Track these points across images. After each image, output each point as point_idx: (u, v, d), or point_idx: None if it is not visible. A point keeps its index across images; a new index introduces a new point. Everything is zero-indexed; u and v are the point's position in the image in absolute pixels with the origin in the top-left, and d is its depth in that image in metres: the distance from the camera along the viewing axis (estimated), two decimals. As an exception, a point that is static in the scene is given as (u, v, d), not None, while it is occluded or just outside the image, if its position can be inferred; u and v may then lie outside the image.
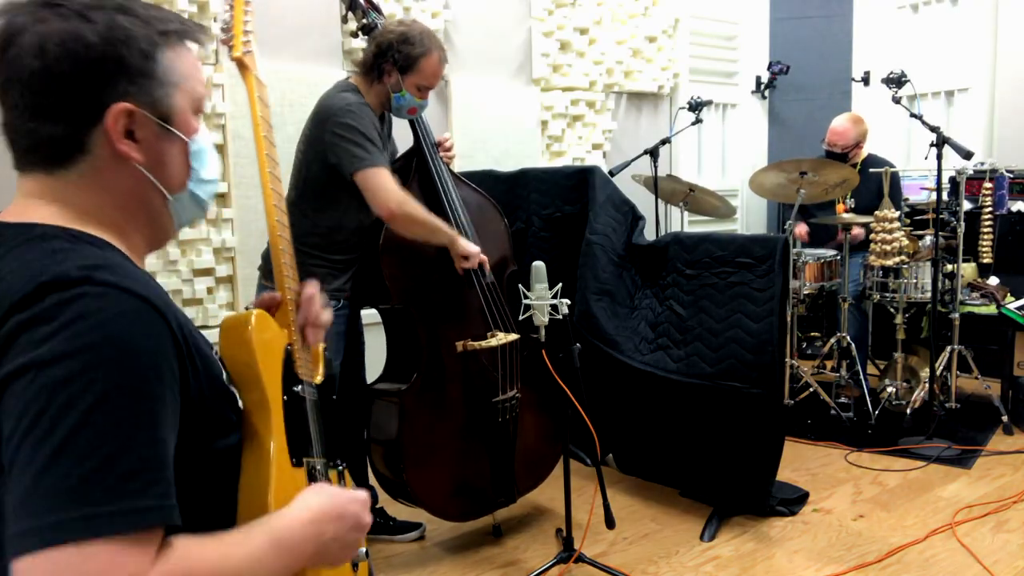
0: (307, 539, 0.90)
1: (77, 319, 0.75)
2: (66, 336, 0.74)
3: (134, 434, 0.75)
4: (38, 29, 0.83)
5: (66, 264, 0.79)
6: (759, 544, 2.67)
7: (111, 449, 0.73)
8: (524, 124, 4.26)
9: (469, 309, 2.55)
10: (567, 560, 2.43)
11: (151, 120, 0.90)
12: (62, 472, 0.71)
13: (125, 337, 0.77)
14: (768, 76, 5.53)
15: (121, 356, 0.76)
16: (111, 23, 0.85)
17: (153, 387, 0.78)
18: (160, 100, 0.90)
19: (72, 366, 0.73)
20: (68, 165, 0.88)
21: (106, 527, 0.71)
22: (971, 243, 3.89)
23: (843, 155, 4.17)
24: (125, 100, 0.87)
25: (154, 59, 0.89)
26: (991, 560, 2.49)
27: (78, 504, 0.71)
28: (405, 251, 2.43)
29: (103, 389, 0.74)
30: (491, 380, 2.54)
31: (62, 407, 0.72)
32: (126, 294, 0.79)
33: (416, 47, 2.36)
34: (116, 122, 0.87)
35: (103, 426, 0.73)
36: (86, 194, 0.89)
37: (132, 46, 0.87)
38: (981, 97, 4.99)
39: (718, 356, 2.74)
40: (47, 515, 0.70)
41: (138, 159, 0.90)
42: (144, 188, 0.92)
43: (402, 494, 2.52)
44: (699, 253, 2.92)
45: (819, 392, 3.83)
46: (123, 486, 0.73)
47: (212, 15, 3.08)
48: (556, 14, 4.36)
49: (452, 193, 2.54)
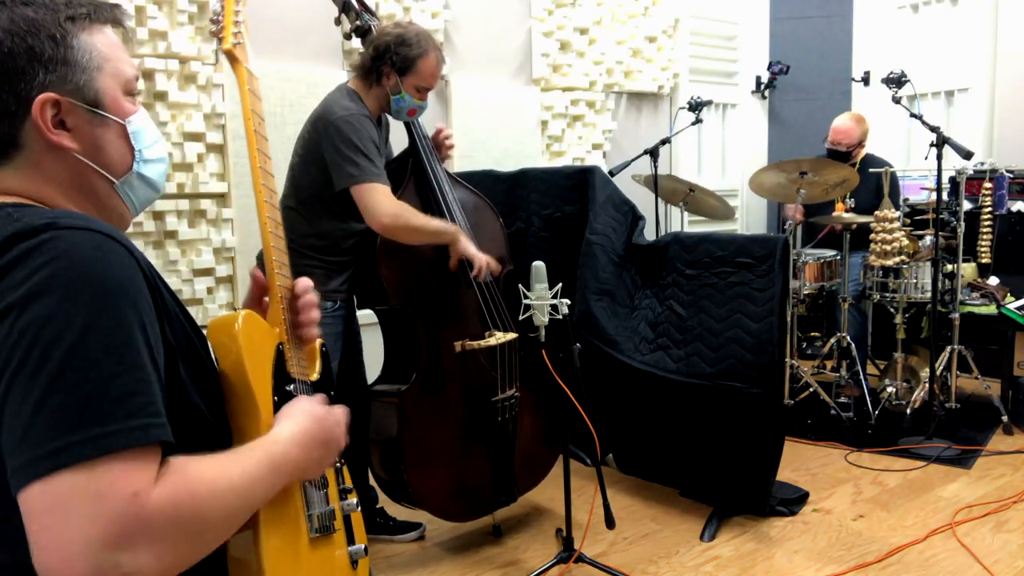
0: (297, 462, 0.96)
1: (50, 260, 0.77)
2: (41, 276, 0.76)
3: (121, 359, 0.77)
4: None
5: (29, 218, 0.81)
6: (759, 544, 2.67)
7: (102, 374, 0.76)
8: (524, 124, 4.26)
9: (467, 309, 2.55)
10: (567, 560, 2.43)
11: (79, 107, 0.90)
12: (59, 401, 0.74)
13: (98, 269, 0.79)
14: (768, 76, 5.53)
15: (97, 287, 0.78)
16: (13, 16, 0.85)
17: (131, 315, 0.80)
18: (85, 85, 0.90)
19: (51, 302, 0.75)
20: (6, 160, 0.89)
21: (107, 446, 0.74)
22: (971, 243, 3.89)
23: (846, 154, 4.17)
24: (48, 90, 0.87)
25: (67, 45, 0.88)
26: (991, 560, 2.49)
27: (78, 428, 0.73)
28: (403, 251, 2.43)
29: (85, 320, 0.76)
30: (490, 380, 2.54)
31: (49, 341, 0.74)
32: (91, 231, 0.81)
33: (414, 48, 2.36)
34: (43, 113, 0.87)
35: (91, 354, 0.76)
36: (29, 185, 0.89)
37: (40, 35, 0.86)
38: (981, 97, 4.99)
39: (718, 356, 2.74)
40: (49, 442, 0.73)
41: (73, 147, 0.90)
42: (86, 175, 0.92)
43: (403, 496, 2.52)
44: (699, 253, 2.92)
45: (819, 392, 3.83)
46: (118, 408, 0.76)
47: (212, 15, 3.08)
48: (556, 14, 4.36)
49: (448, 194, 2.55)
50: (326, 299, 2.41)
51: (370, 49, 2.39)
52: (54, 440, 0.73)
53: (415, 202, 2.50)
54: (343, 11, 2.54)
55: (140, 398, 0.78)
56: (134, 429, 0.76)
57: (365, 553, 1.22)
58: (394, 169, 2.62)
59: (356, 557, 1.20)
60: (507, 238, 2.80)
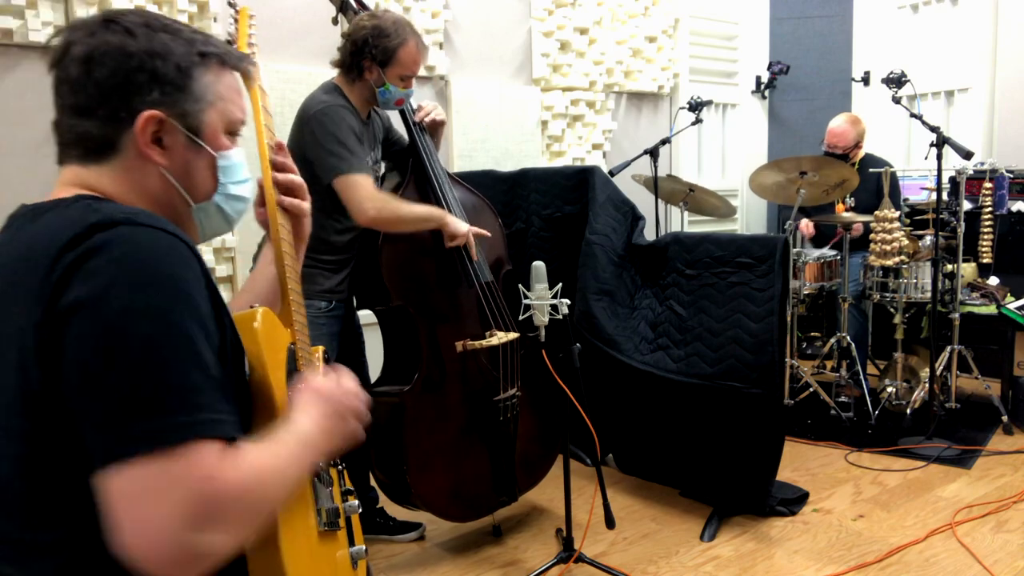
0: (324, 437, 1.03)
1: (125, 256, 0.83)
2: (116, 271, 0.82)
3: (192, 354, 0.84)
4: (88, 41, 0.94)
5: (109, 210, 0.89)
6: (759, 544, 2.67)
7: (178, 367, 0.82)
8: (524, 124, 4.27)
9: (467, 309, 2.55)
10: (567, 560, 2.43)
11: (179, 130, 0.98)
12: (141, 390, 0.80)
13: (170, 268, 0.85)
14: (768, 76, 5.53)
15: (170, 285, 0.84)
16: (152, 39, 0.96)
17: (198, 314, 0.87)
18: (191, 114, 0.99)
19: (131, 296, 0.82)
20: (101, 160, 0.97)
21: (186, 434, 0.80)
22: (971, 243, 3.89)
23: (843, 156, 4.17)
24: (155, 108, 0.95)
25: (189, 76, 0.98)
26: (991, 560, 2.50)
27: (160, 416, 0.80)
28: (404, 250, 2.43)
29: (162, 315, 0.83)
30: (491, 379, 2.54)
31: (130, 334, 0.81)
32: (164, 232, 0.88)
33: (392, 39, 2.32)
34: (145, 126, 0.95)
35: (167, 348, 0.82)
36: (116, 186, 0.97)
37: (169, 60, 0.96)
38: (981, 97, 4.99)
39: (718, 356, 2.74)
40: (132, 429, 0.79)
41: (162, 163, 0.98)
42: (169, 192, 1.00)
43: (404, 498, 2.52)
44: (699, 253, 2.92)
45: (819, 392, 3.83)
46: (197, 400, 0.82)
47: (212, 15, 3.08)
48: (556, 14, 4.36)
49: (448, 193, 2.54)
50: (321, 299, 2.40)
51: (348, 44, 2.35)
52: (137, 427, 0.79)
53: (415, 200, 2.49)
54: (341, 11, 2.54)
55: (210, 392, 0.84)
56: (211, 422, 0.82)
57: (365, 554, 1.24)
58: (394, 168, 2.62)
59: (357, 558, 1.23)
60: (506, 238, 2.80)
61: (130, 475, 0.78)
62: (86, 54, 0.93)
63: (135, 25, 0.96)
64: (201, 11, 3.06)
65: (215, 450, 0.82)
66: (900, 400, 3.81)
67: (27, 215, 0.95)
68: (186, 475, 0.79)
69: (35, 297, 0.83)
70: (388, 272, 2.41)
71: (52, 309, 0.81)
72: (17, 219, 0.96)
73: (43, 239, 0.86)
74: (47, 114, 0.99)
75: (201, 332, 0.86)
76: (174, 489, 0.78)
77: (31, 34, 2.72)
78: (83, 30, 0.95)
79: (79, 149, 0.97)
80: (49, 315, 0.82)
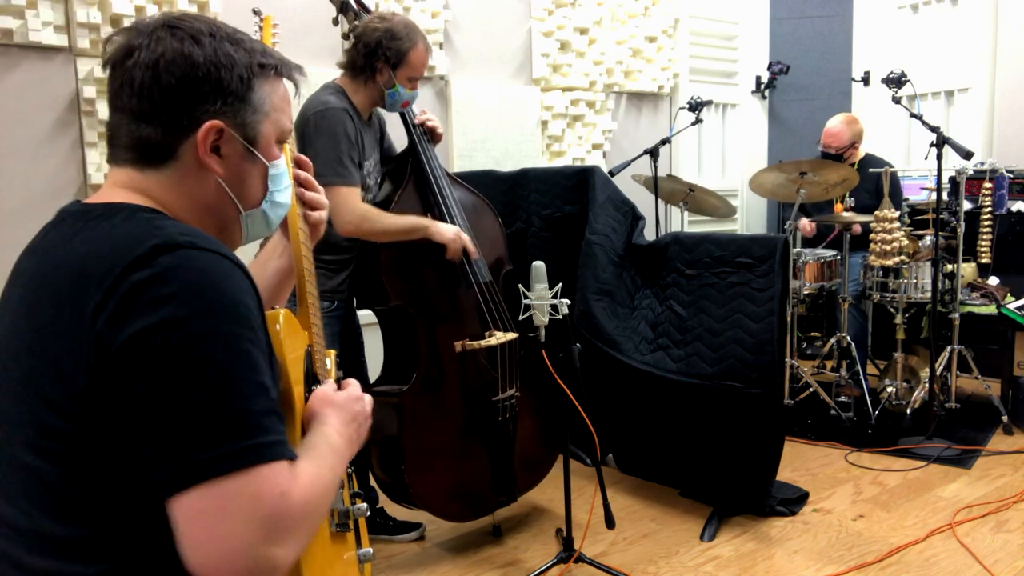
0: (347, 445, 1.07)
1: (191, 283, 0.85)
2: (185, 298, 0.84)
3: (257, 378, 0.86)
4: (154, 47, 0.95)
5: (170, 231, 0.90)
6: (759, 544, 2.67)
7: (245, 392, 0.85)
8: (524, 124, 4.27)
9: (467, 309, 2.55)
10: (567, 560, 2.43)
11: (237, 140, 1.00)
12: (213, 415, 0.82)
13: (232, 296, 0.87)
14: (768, 76, 5.53)
15: (233, 311, 0.87)
16: (218, 48, 0.97)
17: (257, 338, 0.89)
18: (249, 124, 1.01)
19: (199, 323, 0.83)
20: (158, 166, 0.98)
21: (258, 457, 0.83)
22: (971, 243, 3.89)
23: (838, 156, 4.16)
24: (218, 118, 0.98)
25: (250, 86, 1.00)
26: (991, 560, 2.50)
27: (233, 440, 0.82)
28: (403, 250, 2.43)
29: (229, 341, 0.85)
30: (490, 379, 2.54)
31: (200, 360, 0.83)
32: (224, 257, 0.90)
33: (404, 41, 2.36)
34: (206, 136, 0.97)
35: (235, 373, 0.84)
36: (169, 193, 0.99)
37: (233, 71, 0.98)
38: (981, 97, 4.99)
39: (718, 356, 2.74)
40: (207, 452, 0.81)
41: (219, 172, 1.00)
42: (221, 199, 1.02)
43: (403, 497, 2.52)
44: (699, 253, 2.91)
45: (819, 392, 3.83)
46: (264, 423, 0.85)
47: (212, 15, 3.08)
48: (556, 14, 4.36)
49: (448, 194, 2.54)
50: (323, 299, 2.41)
51: (360, 46, 2.37)
52: (213, 451, 0.81)
53: (414, 201, 2.50)
54: (341, 11, 2.54)
55: (273, 418, 0.87)
56: (277, 444, 0.85)
57: (371, 557, 1.26)
58: (393, 169, 2.62)
59: (364, 559, 1.25)
60: (506, 238, 2.80)
61: (208, 495, 0.80)
62: (152, 60, 0.95)
63: (200, 33, 0.97)
64: (201, 11, 3.06)
65: (284, 469, 0.85)
66: (900, 400, 3.81)
67: (80, 215, 0.95)
68: (262, 494, 0.82)
69: (93, 309, 0.84)
70: (387, 272, 2.41)
71: (115, 329, 0.83)
72: (68, 216, 0.97)
73: (104, 252, 0.87)
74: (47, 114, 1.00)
75: (263, 356, 0.89)
76: (252, 507, 0.81)
77: (31, 34, 2.72)
78: (148, 35, 0.96)
79: (135, 153, 0.98)
80: (110, 333, 0.83)
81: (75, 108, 2.85)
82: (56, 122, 2.82)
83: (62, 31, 2.80)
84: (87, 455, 0.86)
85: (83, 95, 2.83)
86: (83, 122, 2.86)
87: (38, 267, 0.94)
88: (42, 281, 0.92)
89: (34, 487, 0.88)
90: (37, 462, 0.87)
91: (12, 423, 0.90)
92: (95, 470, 0.86)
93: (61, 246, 0.93)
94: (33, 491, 0.88)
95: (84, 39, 2.83)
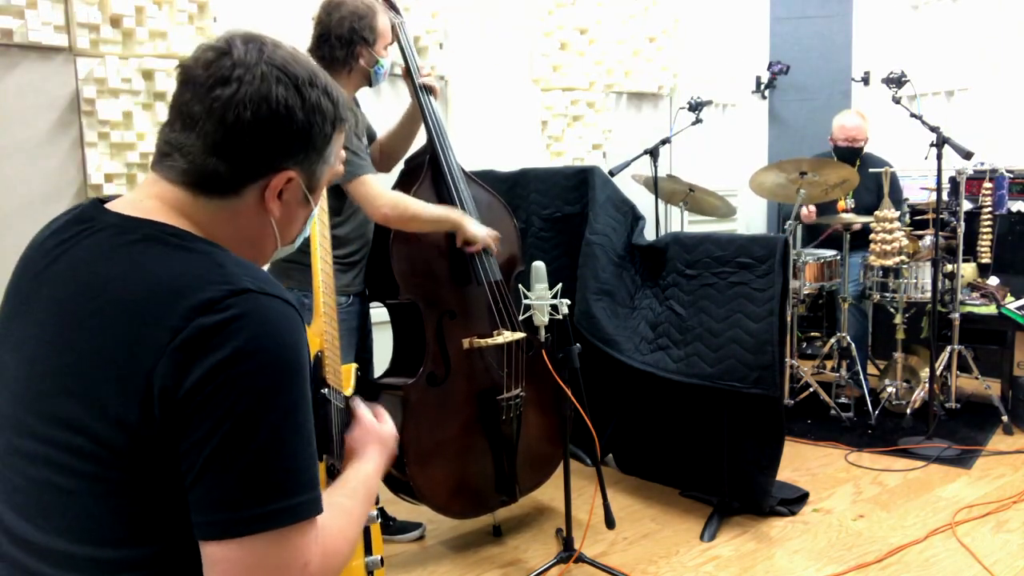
0: (380, 476, 1.15)
1: (258, 335, 0.85)
2: (251, 349, 0.84)
3: (303, 435, 0.87)
4: (258, 86, 0.92)
5: (233, 269, 0.89)
6: (759, 544, 2.67)
7: (292, 450, 0.86)
8: (524, 124, 4.26)
9: (476, 307, 2.56)
10: (567, 560, 2.43)
11: (301, 188, 1.00)
12: (260, 473, 0.83)
13: (295, 352, 0.88)
14: (768, 76, 5.52)
15: (293, 365, 0.87)
16: (318, 104, 0.96)
17: (308, 390, 0.90)
18: (316, 175, 1.01)
19: (259, 378, 0.84)
20: (214, 197, 0.96)
21: (294, 516, 0.85)
22: (971, 243, 3.89)
23: (857, 151, 4.16)
24: (294, 168, 0.97)
25: (329, 140, 1.00)
26: (991, 560, 2.50)
27: (274, 499, 0.83)
28: (415, 245, 2.44)
29: (286, 398, 0.85)
30: (496, 378, 2.54)
31: (257, 412, 0.83)
32: (286, 304, 0.90)
33: (368, 16, 2.34)
34: (279, 184, 0.97)
35: (287, 430, 0.85)
36: (217, 223, 0.97)
37: (323, 128, 0.98)
38: (981, 97, 4.99)
39: (718, 356, 2.73)
40: (248, 508, 0.82)
41: (276, 215, 1.00)
42: (265, 235, 1.02)
43: (404, 489, 2.53)
44: (699, 253, 2.91)
45: (819, 392, 3.83)
46: (301, 480, 0.86)
47: (212, 15, 3.08)
48: (556, 14, 4.36)
49: (464, 191, 2.55)
50: (339, 295, 2.42)
51: (333, 40, 2.33)
52: (252, 507, 0.83)
53: (430, 197, 2.50)
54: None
55: (313, 470, 0.88)
56: (312, 501, 0.87)
57: (381, 564, 1.27)
58: (411, 167, 2.63)
59: (372, 567, 1.26)
60: (520, 238, 2.81)
61: (239, 551, 0.83)
62: (254, 101, 0.92)
63: (303, 84, 0.95)
64: (201, 11, 3.06)
65: (312, 531, 0.87)
66: (900, 400, 3.81)
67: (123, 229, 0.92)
68: (288, 563, 0.85)
69: (155, 347, 0.83)
70: (398, 266, 2.42)
71: (178, 372, 0.82)
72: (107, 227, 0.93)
73: (164, 286, 0.86)
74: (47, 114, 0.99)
75: (310, 404, 0.89)
76: (279, 571, 0.84)
77: (31, 34, 2.71)
78: (250, 68, 0.92)
79: (194, 179, 0.94)
80: (172, 375, 0.82)
81: (75, 108, 2.85)
82: (56, 122, 2.81)
83: (62, 31, 2.80)
84: (117, 481, 0.85)
85: (83, 95, 2.83)
86: (83, 122, 2.86)
87: (74, 277, 0.91)
88: (85, 297, 0.89)
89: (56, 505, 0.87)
90: (59, 479, 0.86)
91: (37, 439, 0.88)
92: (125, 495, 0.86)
93: (106, 262, 0.90)
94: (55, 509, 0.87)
95: (84, 39, 2.83)
